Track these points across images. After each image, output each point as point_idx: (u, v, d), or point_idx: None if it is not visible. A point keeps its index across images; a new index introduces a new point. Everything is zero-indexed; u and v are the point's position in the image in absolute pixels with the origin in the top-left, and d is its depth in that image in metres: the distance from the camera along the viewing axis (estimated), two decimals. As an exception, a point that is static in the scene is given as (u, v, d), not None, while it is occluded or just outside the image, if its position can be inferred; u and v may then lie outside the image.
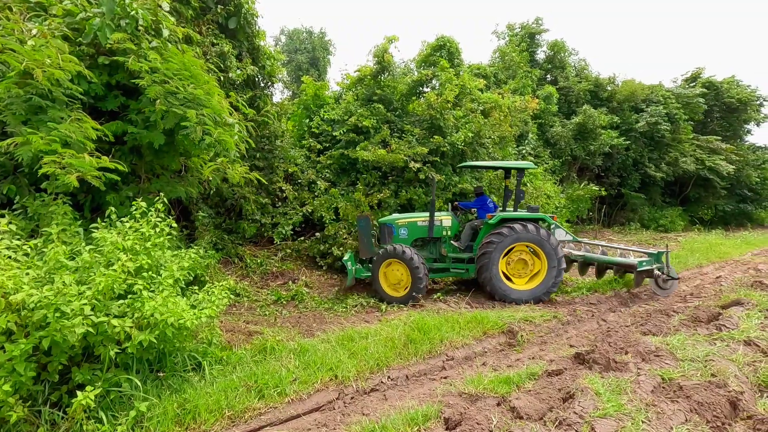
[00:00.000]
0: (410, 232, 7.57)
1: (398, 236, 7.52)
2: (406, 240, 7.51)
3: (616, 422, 2.83)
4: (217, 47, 6.47)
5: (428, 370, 4.26)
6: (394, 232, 7.55)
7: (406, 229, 7.56)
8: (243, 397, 3.39)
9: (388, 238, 7.53)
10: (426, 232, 7.55)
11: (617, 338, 4.81)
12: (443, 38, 10.29)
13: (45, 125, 3.73)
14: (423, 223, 7.55)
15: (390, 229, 7.57)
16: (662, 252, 7.39)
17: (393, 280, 7.01)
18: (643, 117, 19.54)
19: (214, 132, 4.49)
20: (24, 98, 3.73)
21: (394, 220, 7.61)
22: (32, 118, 3.81)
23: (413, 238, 7.56)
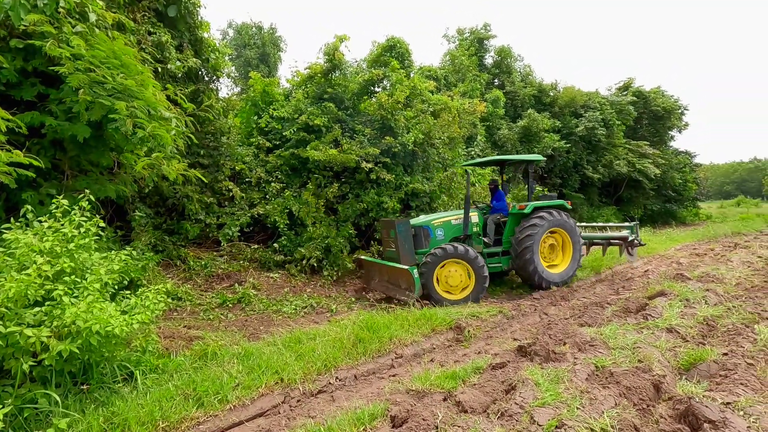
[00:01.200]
0: (446, 232, 7.39)
1: (435, 238, 7.28)
2: (443, 241, 7.28)
3: (553, 410, 2.95)
4: (154, 36, 6.08)
5: (377, 369, 4.24)
6: (431, 233, 7.31)
7: (442, 229, 7.37)
8: (180, 407, 3.18)
9: (425, 240, 7.23)
10: (460, 231, 7.46)
11: (557, 330, 5.05)
12: (393, 39, 10.36)
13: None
14: (457, 221, 7.50)
15: (427, 231, 7.32)
16: (634, 224, 9.08)
17: (452, 282, 6.77)
18: (581, 122, 20.81)
19: (147, 126, 4.20)
20: None
21: (430, 222, 7.40)
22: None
23: (449, 238, 7.38)
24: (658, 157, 23.11)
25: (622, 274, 9.11)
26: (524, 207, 7.61)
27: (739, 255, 9.84)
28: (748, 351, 4.17)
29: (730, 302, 5.90)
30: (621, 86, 26.28)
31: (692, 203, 27.70)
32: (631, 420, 2.92)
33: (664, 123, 25.52)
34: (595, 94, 23.14)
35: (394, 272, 6.74)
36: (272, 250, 8.55)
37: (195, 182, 7.31)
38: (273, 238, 8.98)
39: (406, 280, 6.46)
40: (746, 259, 9.17)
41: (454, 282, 6.77)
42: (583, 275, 8.86)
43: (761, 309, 5.54)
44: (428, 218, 7.53)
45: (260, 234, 9.19)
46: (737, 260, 9.11)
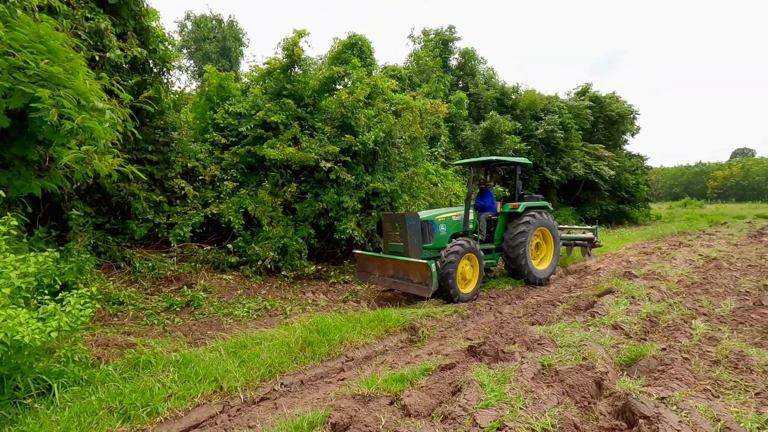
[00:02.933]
0: (448, 228, 7.43)
1: (439, 233, 7.29)
2: (446, 237, 7.36)
3: (496, 411, 2.92)
4: (91, 23, 5.67)
5: (325, 373, 4.11)
6: (435, 229, 7.27)
7: (444, 225, 7.39)
8: (102, 422, 2.93)
9: (429, 235, 7.20)
10: (460, 227, 7.57)
11: (508, 329, 5.09)
12: (355, 36, 10.23)
13: None
14: (457, 218, 7.58)
15: (431, 226, 7.26)
16: (595, 227, 10.45)
17: (467, 276, 7.03)
18: (541, 125, 21.42)
19: (76, 117, 3.87)
20: None
21: (434, 217, 7.34)
22: None
23: (450, 234, 7.46)
24: (612, 160, 24.14)
25: (575, 272, 9.38)
26: (517, 207, 8.01)
27: (682, 253, 10.37)
28: (684, 346, 4.34)
29: (671, 299, 6.17)
30: (579, 91, 27.32)
31: (644, 204, 29.15)
32: (571, 419, 2.93)
33: (618, 127, 26.72)
34: (555, 98, 23.90)
35: (406, 266, 6.68)
36: (226, 251, 8.22)
37: (143, 179, 6.90)
38: (227, 238, 8.65)
39: (421, 275, 6.43)
40: (688, 257, 9.67)
41: (468, 276, 7.05)
42: (539, 274, 9.04)
43: (698, 305, 5.82)
44: (432, 213, 7.55)
45: (214, 234, 8.82)
46: (680, 258, 9.59)
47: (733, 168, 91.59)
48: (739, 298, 6.15)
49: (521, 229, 7.76)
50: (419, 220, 7.06)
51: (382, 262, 7.23)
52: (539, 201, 8.48)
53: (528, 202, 8.28)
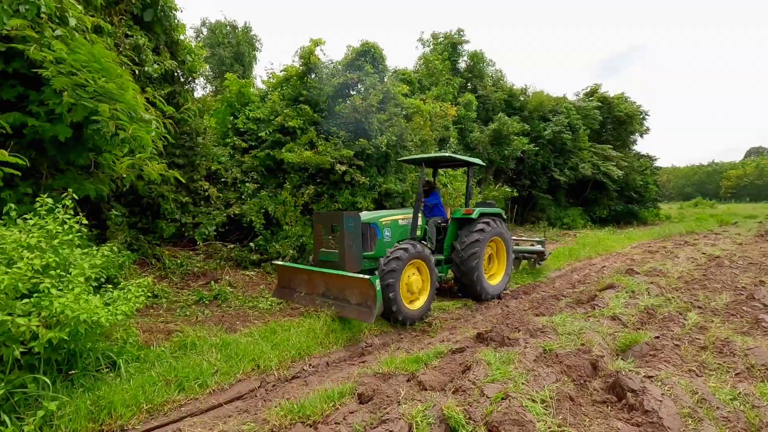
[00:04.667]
0: (393, 233, 6.36)
1: (383, 239, 6.20)
2: (390, 244, 6.18)
3: (501, 385, 3.36)
4: (131, 39, 6.21)
5: (348, 356, 4.57)
6: (378, 233, 6.18)
7: (389, 229, 6.33)
8: (162, 391, 3.42)
9: (371, 241, 6.12)
10: (407, 233, 6.49)
11: (514, 320, 5.51)
12: (368, 44, 10.69)
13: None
14: (404, 222, 6.56)
15: (374, 230, 6.19)
16: (542, 239, 9.64)
17: (414, 287, 5.75)
18: (549, 126, 21.71)
19: (129, 128, 4.39)
20: None
21: (377, 219, 6.26)
22: None
23: (395, 240, 6.31)
24: (620, 160, 24.33)
25: (581, 269, 9.74)
26: (471, 212, 6.93)
27: (686, 252, 10.67)
28: (676, 334, 4.72)
29: (670, 294, 6.52)
30: (588, 92, 27.51)
31: (653, 204, 29.22)
32: (567, 392, 3.35)
33: (627, 127, 26.86)
34: (563, 99, 24.16)
35: (342, 283, 5.18)
36: (248, 249, 8.74)
37: (172, 182, 7.43)
38: (249, 237, 9.17)
39: (361, 294, 4.94)
40: (691, 256, 9.97)
41: (416, 287, 5.78)
42: (545, 271, 9.42)
43: (695, 299, 6.18)
44: (375, 215, 6.38)
45: (236, 233, 9.36)
46: (683, 256, 9.89)
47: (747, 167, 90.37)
48: (735, 293, 6.48)
49: (475, 237, 6.67)
50: (360, 222, 5.81)
51: (311, 276, 5.66)
52: (492, 207, 7.45)
53: (483, 208, 7.22)
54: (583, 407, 3.30)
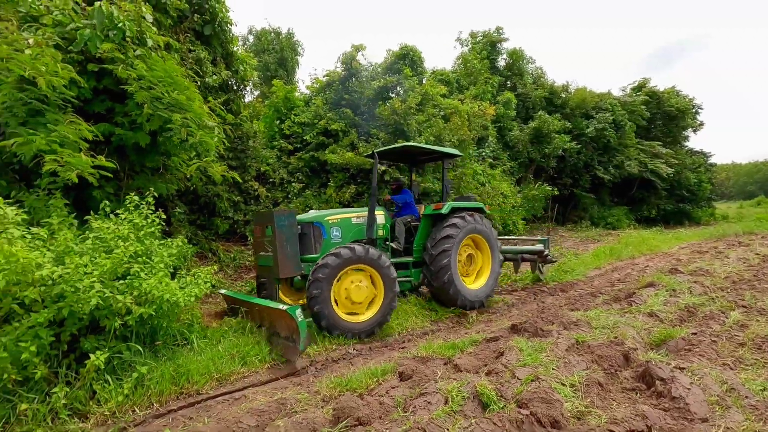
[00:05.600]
0: (344, 233, 5.77)
1: (330, 239, 5.64)
2: (341, 244, 5.53)
3: (532, 369, 3.60)
4: (193, 54, 6.90)
5: (389, 343, 4.95)
6: (324, 233, 5.63)
7: (339, 228, 5.75)
8: (228, 364, 3.94)
9: (316, 243, 5.58)
10: (362, 233, 5.89)
11: (549, 314, 5.66)
12: (406, 47, 11.04)
13: (43, 127, 4.14)
14: (358, 220, 5.94)
15: (318, 229, 5.64)
16: (546, 239, 8.41)
17: (356, 297, 5.07)
18: (592, 123, 21.12)
19: (196, 134, 4.98)
20: (23, 102, 4.12)
21: (322, 218, 5.72)
22: (30, 120, 4.19)
23: (348, 241, 5.69)
24: (670, 157, 23.22)
25: (622, 268, 9.61)
26: (441, 207, 6.28)
27: (737, 252, 10.22)
28: (715, 331, 4.73)
29: (714, 293, 6.41)
30: (635, 86, 26.40)
31: (707, 203, 27.62)
32: (597, 379, 3.55)
33: (678, 123, 25.56)
34: (607, 95, 23.39)
35: (269, 313, 4.60)
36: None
37: (229, 181, 8.13)
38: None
39: (287, 326, 4.32)
40: (743, 256, 9.56)
41: (359, 297, 5.09)
42: (585, 270, 9.38)
43: (740, 299, 6.06)
44: (321, 213, 5.93)
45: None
46: (734, 257, 9.51)
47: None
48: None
49: (446, 233, 5.99)
50: (295, 221, 5.22)
51: (250, 307, 5.05)
52: (472, 201, 6.82)
53: (456, 203, 6.57)
54: (611, 393, 3.48)
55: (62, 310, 3.04)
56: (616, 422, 2.92)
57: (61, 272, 3.05)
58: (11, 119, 4.11)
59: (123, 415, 3.21)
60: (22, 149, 4.00)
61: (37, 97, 4.19)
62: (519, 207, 15.94)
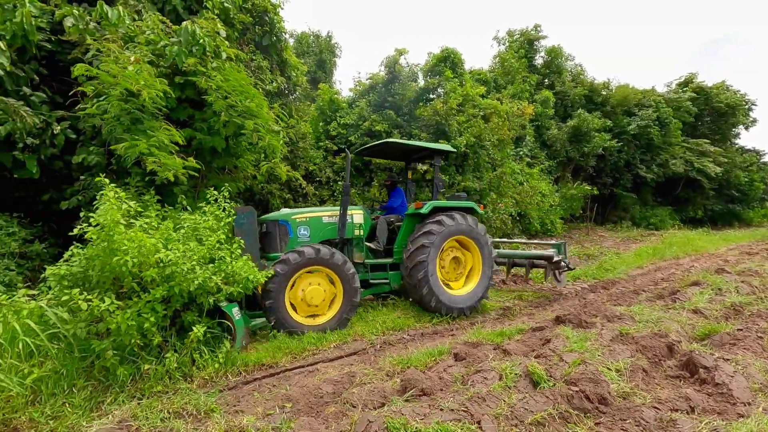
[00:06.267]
0: (313, 232, 5.59)
1: (297, 238, 5.46)
2: (308, 243, 5.35)
3: (578, 355, 3.90)
4: (254, 62, 7.52)
5: (439, 330, 5.34)
6: (291, 232, 5.48)
7: (307, 227, 5.56)
8: (298, 343, 4.46)
9: (282, 242, 5.45)
10: (335, 233, 5.69)
11: (591, 308, 5.87)
12: (447, 50, 11.34)
13: (143, 133, 4.79)
14: (330, 219, 5.75)
15: (285, 228, 5.50)
16: (562, 243, 7.38)
17: (314, 299, 4.97)
18: (634, 120, 20.62)
19: (265, 138, 5.55)
20: (127, 111, 4.78)
21: (289, 216, 5.59)
22: (131, 127, 4.86)
23: (318, 241, 5.52)
24: (719, 156, 22.30)
25: (666, 268, 9.56)
26: (421, 206, 5.95)
27: (791, 254, 9.92)
28: (761, 328, 4.82)
29: (762, 293, 6.39)
30: (681, 82, 25.46)
31: (760, 204, 26.29)
32: (641, 365, 3.81)
33: (728, 120, 24.46)
34: (651, 91, 22.71)
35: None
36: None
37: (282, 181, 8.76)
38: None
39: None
40: (796, 258, 9.30)
41: (317, 299, 5.00)
42: (626, 269, 9.40)
43: (790, 298, 6.03)
44: (289, 211, 5.81)
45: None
46: (787, 259, 9.27)
47: None
48: (841, 295, 6.18)
49: (422, 241, 5.62)
50: (254, 219, 5.25)
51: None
52: (462, 201, 6.40)
53: (439, 202, 6.20)
54: (655, 379, 3.74)
55: (173, 288, 3.62)
56: (661, 402, 3.20)
57: (171, 256, 3.63)
58: (118, 127, 4.78)
59: (219, 380, 3.76)
60: (127, 152, 4.65)
61: (137, 107, 4.85)
62: (557, 206, 15.90)
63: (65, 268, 3.59)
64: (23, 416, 2.88)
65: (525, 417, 2.95)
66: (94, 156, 5.38)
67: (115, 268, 3.42)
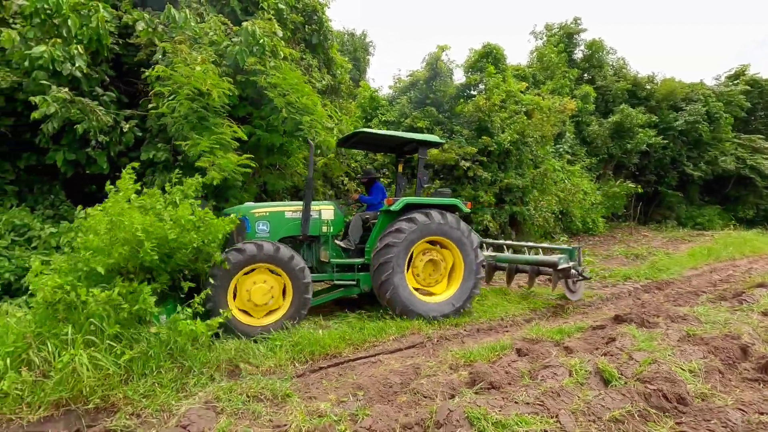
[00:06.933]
0: (273, 228, 5.23)
1: (254, 233, 5.16)
2: (268, 239, 5.03)
3: (648, 354, 3.80)
4: (305, 61, 7.69)
5: (495, 326, 5.32)
6: (248, 227, 5.18)
7: (266, 222, 5.21)
8: (358, 335, 4.56)
9: (238, 238, 5.14)
10: (298, 229, 5.31)
11: (650, 308, 5.70)
12: (490, 46, 11.21)
13: (208, 130, 5.01)
14: (293, 214, 5.35)
15: (243, 222, 5.14)
16: (575, 248, 6.49)
17: (258, 299, 4.61)
18: (681, 116, 19.73)
19: (321, 134, 5.68)
20: (194, 110, 5.02)
21: (247, 210, 5.23)
22: (197, 125, 5.09)
23: (278, 238, 5.21)
24: (775, 152, 21.04)
25: (722, 269, 9.14)
26: (392, 202, 5.45)
27: None
28: (844, 332, 4.55)
29: (838, 296, 6.02)
30: (732, 75, 24.13)
31: (818, 204, 24.58)
32: (716, 366, 3.68)
33: (785, 114, 23.02)
34: (699, 85, 21.66)
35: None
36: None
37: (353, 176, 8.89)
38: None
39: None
40: None
41: (263, 300, 4.64)
42: (680, 269, 9.05)
43: None
44: (248, 206, 5.41)
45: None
46: None
47: None
48: None
49: (389, 240, 5.18)
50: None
51: None
52: (444, 197, 5.88)
53: (414, 198, 5.66)
54: (732, 381, 3.61)
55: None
56: (744, 405, 3.09)
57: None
58: (186, 125, 5.01)
59: (286, 368, 3.90)
60: (191, 150, 4.88)
61: (203, 106, 5.07)
62: (599, 205, 15.45)
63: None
64: (119, 393, 3.08)
65: (602, 414, 2.92)
66: (162, 153, 5.66)
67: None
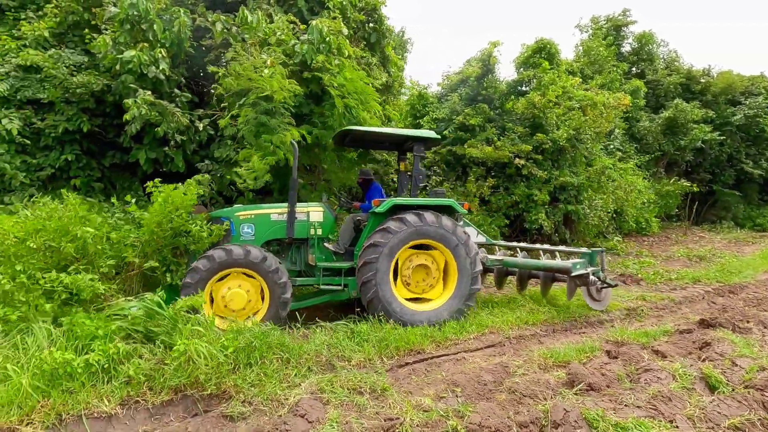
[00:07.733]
0: (258, 231, 5.12)
1: (239, 236, 5.05)
2: (253, 242, 5.02)
3: (753, 360, 3.63)
4: (364, 59, 7.76)
5: (568, 327, 5.21)
6: (233, 230, 5.09)
7: (251, 225, 5.11)
8: (440, 333, 4.58)
9: (224, 239, 5.07)
10: (284, 232, 5.18)
11: (734, 313, 5.44)
12: (543, 41, 10.95)
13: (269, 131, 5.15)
14: (279, 217, 5.20)
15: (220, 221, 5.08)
16: (597, 251, 5.87)
17: (235, 304, 4.54)
18: (740, 110, 18.67)
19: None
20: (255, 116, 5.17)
21: (232, 213, 5.15)
22: (260, 128, 5.24)
23: (264, 240, 5.13)
24: None
25: (799, 274, 8.60)
26: (378, 203, 5.22)
27: None
28: None
29: None
30: (795, 66, 22.59)
31: None
32: (830, 376, 3.46)
33: None
34: (760, 77, 20.41)
35: None
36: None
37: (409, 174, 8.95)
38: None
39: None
40: None
41: (240, 304, 4.57)
42: (753, 272, 8.57)
43: None
44: (234, 208, 5.34)
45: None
46: None
47: None
48: None
49: (373, 240, 4.92)
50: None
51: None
52: (438, 198, 5.61)
53: (403, 199, 5.35)
54: None
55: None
56: None
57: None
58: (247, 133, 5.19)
59: (374, 362, 3.96)
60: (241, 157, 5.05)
61: (267, 110, 5.22)
62: (651, 204, 14.84)
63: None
64: (229, 381, 3.22)
65: (720, 420, 2.81)
66: (231, 152, 5.87)
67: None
